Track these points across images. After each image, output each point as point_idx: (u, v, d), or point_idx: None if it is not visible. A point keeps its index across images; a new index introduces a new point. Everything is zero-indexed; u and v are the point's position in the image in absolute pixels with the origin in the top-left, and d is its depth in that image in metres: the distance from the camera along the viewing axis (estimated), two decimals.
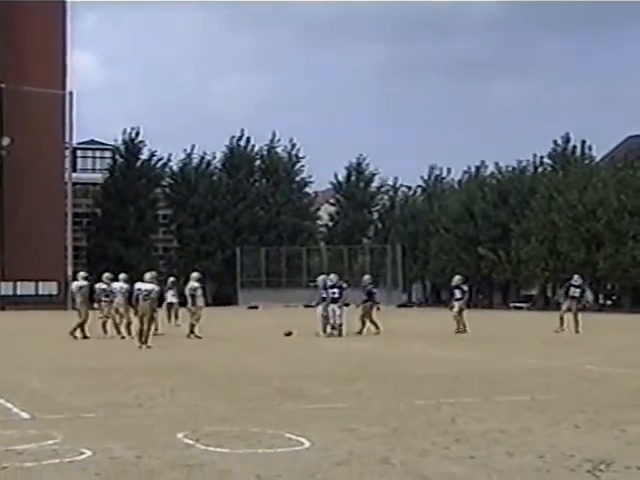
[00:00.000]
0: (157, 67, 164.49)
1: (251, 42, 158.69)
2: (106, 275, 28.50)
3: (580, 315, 30.38)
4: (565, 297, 31.34)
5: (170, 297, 33.17)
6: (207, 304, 27.99)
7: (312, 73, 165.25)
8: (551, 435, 9.66)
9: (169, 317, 32.72)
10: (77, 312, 26.72)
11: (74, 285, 27.71)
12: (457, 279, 31.18)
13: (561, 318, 30.21)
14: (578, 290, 31.12)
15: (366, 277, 30.35)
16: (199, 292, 27.10)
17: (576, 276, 32.28)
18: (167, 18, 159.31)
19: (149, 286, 23.35)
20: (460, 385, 14.53)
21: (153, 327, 24.75)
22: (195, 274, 27.90)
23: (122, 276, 28.14)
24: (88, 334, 26.45)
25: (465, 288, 31.00)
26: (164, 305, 32.13)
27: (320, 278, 29.65)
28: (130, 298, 25.05)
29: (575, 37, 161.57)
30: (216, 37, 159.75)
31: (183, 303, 28.98)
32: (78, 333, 26.45)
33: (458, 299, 30.18)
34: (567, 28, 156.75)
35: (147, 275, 23.82)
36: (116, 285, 27.65)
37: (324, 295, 28.24)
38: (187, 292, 27.33)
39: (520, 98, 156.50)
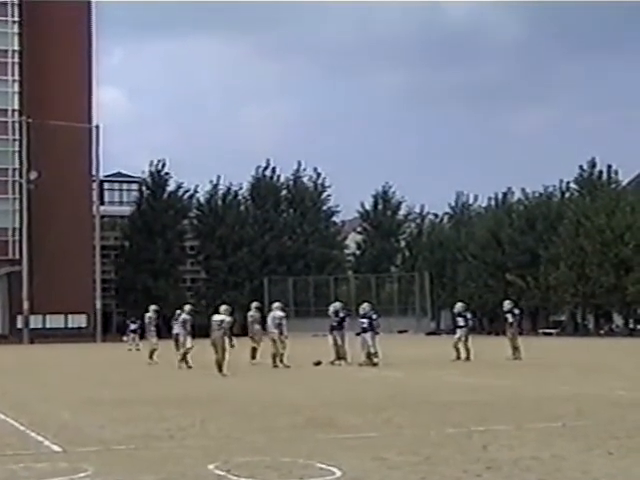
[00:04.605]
0: (182, 99, 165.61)
1: (275, 71, 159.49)
2: (153, 307, 31.13)
3: (519, 340, 30.24)
4: (509, 325, 31.11)
5: (177, 328, 33.11)
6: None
7: (336, 100, 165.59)
8: (584, 462, 9.59)
9: (177, 347, 32.58)
10: None
11: None
12: (459, 306, 31.03)
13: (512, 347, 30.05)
14: (509, 315, 31.02)
15: (365, 305, 28.93)
16: (284, 321, 27.47)
17: (506, 302, 32.21)
18: (191, 50, 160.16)
19: (220, 317, 25.12)
20: (490, 412, 14.46)
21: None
22: (276, 304, 28.47)
23: (187, 307, 29.99)
24: None
25: (469, 316, 30.97)
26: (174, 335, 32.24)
27: (332, 306, 29.62)
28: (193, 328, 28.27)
29: (597, 59, 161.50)
30: (240, 67, 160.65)
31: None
32: None
33: (460, 326, 30.05)
34: (588, 51, 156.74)
35: (222, 307, 26.01)
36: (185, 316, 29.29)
37: (334, 323, 28.34)
38: (272, 322, 27.37)
39: (545, 123, 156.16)
